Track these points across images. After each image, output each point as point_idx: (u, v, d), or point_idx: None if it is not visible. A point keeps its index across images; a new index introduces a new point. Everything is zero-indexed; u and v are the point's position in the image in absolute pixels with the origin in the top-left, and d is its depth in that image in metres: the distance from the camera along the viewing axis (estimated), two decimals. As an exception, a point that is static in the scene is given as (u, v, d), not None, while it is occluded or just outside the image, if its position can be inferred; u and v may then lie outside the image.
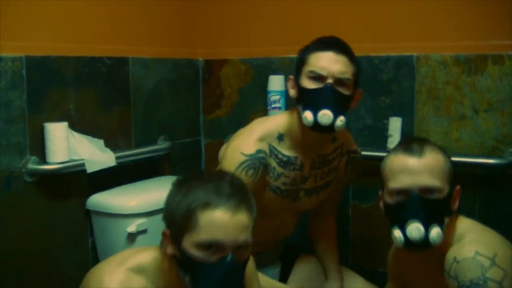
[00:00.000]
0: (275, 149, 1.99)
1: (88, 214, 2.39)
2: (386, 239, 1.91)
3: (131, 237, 2.27)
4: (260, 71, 2.77)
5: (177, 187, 1.51)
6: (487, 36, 2.30)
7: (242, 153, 1.95)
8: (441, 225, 1.63)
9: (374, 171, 1.94)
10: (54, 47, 2.25)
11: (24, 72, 2.13)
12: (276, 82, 2.64)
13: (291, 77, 1.98)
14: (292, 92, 1.97)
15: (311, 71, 1.88)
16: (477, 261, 1.52)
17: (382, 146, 2.47)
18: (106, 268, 1.51)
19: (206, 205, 1.43)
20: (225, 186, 1.47)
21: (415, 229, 1.61)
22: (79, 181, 2.34)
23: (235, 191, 1.47)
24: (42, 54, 2.19)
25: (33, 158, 2.16)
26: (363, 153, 2.38)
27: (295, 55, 2.01)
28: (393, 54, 2.48)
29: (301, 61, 1.92)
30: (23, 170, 2.13)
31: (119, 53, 2.52)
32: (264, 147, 1.97)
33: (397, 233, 1.66)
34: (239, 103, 2.84)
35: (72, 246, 2.34)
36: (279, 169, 2.00)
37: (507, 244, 1.64)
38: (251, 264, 1.72)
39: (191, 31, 2.92)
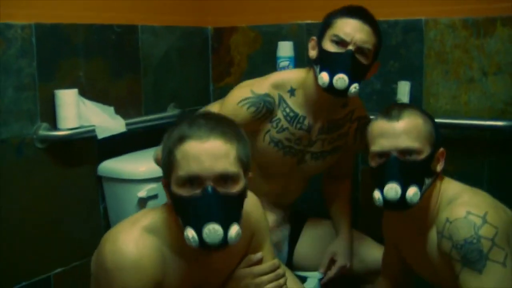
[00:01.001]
0: (285, 101, 2.03)
1: (100, 181, 2.42)
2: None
3: (142, 202, 2.30)
4: (269, 38, 2.77)
5: (165, 133, 1.51)
6: (496, -2, 2.28)
7: (251, 90, 2.00)
8: (420, 185, 1.67)
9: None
10: (64, 15, 2.26)
11: (33, 39, 2.14)
12: (285, 48, 2.63)
13: (314, 38, 2.01)
14: (312, 53, 2.01)
15: (335, 35, 1.91)
16: (469, 220, 1.57)
17: (391, 111, 2.46)
18: (121, 228, 1.52)
19: (180, 140, 1.42)
20: (198, 119, 1.45)
21: (391, 189, 1.66)
22: (90, 148, 2.37)
23: (208, 120, 1.44)
24: (51, 22, 2.21)
25: (44, 124, 2.18)
26: (372, 117, 2.38)
27: (304, 21, 2.01)
28: (401, 18, 2.47)
29: (327, 24, 1.95)
30: (34, 136, 2.16)
31: (129, 21, 2.53)
32: (274, 94, 2.01)
33: (376, 194, 1.71)
34: (248, 70, 2.85)
35: (84, 212, 2.38)
36: (284, 123, 2.03)
37: (497, 203, 1.68)
38: (265, 222, 1.74)
39: (200, -2, 2.93)
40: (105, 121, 2.32)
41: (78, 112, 2.23)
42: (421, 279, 1.89)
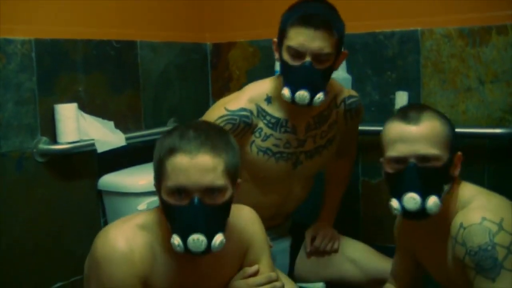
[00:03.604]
0: (263, 110, 2.02)
1: (100, 195, 2.43)
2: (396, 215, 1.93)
3: (143, 216, 2.30)
4: (268, 52, 2.77)
5: (158, 140, 1.56)
6: (491, 7, 2.30)
7: (225, 108, 2.00)
8: (439, 193, 1.62)
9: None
10: (63, 31, 2.29)
11: (33, 55, 2.17)
12: (283, 63, 2.64)
13: (275, 40, 1.99)
14: (277, 55, 1.99)
15: (290, 47, 1.87)
16: (484, 227, 1.51)
17: (390, 122, 2.47)
18: (113, 225, 1.59)
19: (171, 151, 1.47)
20: (189, 131, 1.49)
21: (411, 199, 1.60)
22: (90, 162, 2.38)
23: (199, 134, 1.48)
24: (51, 37, 2.24)
25: (44, 138, 2.20)
26: (371, 128, 2.40)
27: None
28: (397, 29, 2.49)
29: (282, 32, 1.92)
30: (34, 150, 2.18)
31: (127, 36, 2.56)
32: (251, 107, 2.01)
33: (394, 203, 1.65)
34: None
35: (84, 226, 2.38)
36: (267, 130, 2.02)
37: None
38: (261, 237, 1.74)
39: (198, 14, 2.95)
40: (105, 135, 2.34)
41: (77, 126, 2.25)
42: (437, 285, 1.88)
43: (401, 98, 2.44)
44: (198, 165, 1.45)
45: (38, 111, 2.19)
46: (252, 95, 2.03)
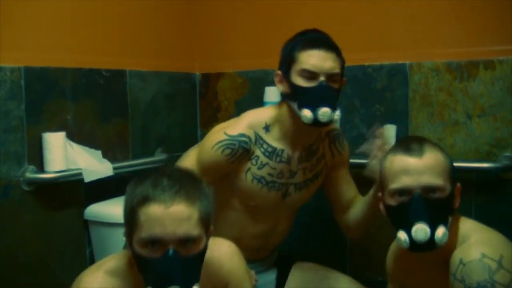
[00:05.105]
0: (261, 138, 2.04)
1: (86, 224, 2.41)
2: (384, 247, 1.93)
3: (129, 246, 2.28)
4: (256, 83, 2.81)
5: (128, 187, 1.51)
6: (478, 42, 2.33)
7: (225, 133, 2.02)
8: (446, 224, 1.61)
9: (370, 180, 1.97)
10: (53, 58, 2.29)
11: (22, 82, 2.16)
12: (272, 93, 2.65)
13: (279, 72, 2.02)
14: (281, 87, 2.01)
15: (304, 69, 1.92)
16: (484, 264, 1.50)
17: (378, 154, 2.47)
18: (87, 271, 1.57)
19: (143, 200, 1.42)
20: (163, 179, 1.44)
21: (421, 230, 1.59)
22: (77, 191, 2.36)
23: (173, 182, 1.44)
24: (40, 65, 2.23)
25: (31, 167, 2.18)
26: (358, 161, 2.39)
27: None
28: (386, 62, 2.51)
29: (290, 59, 1.96)
30: (21, 179, 2.16)
31: (117, 65, 2.56)
32: (250, 133, 2.03)
33: (402, 235, 1.63)
34: (236, 115, 2.83)
35: (70, 256, 2.36)
36: (263, 159, 2.04)
37: (510, 245, 1.61)
38: (240, 271, 1.71)
39: (188, 45, 2.97)
40: (93, 164, 2.32)
41: (65, 155, 2.23)
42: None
43: (390, 131, 2.45)
44: (173, 215, 1.41)
45: (25, 139, 2.17)
46: (251, 122, 2.05)
